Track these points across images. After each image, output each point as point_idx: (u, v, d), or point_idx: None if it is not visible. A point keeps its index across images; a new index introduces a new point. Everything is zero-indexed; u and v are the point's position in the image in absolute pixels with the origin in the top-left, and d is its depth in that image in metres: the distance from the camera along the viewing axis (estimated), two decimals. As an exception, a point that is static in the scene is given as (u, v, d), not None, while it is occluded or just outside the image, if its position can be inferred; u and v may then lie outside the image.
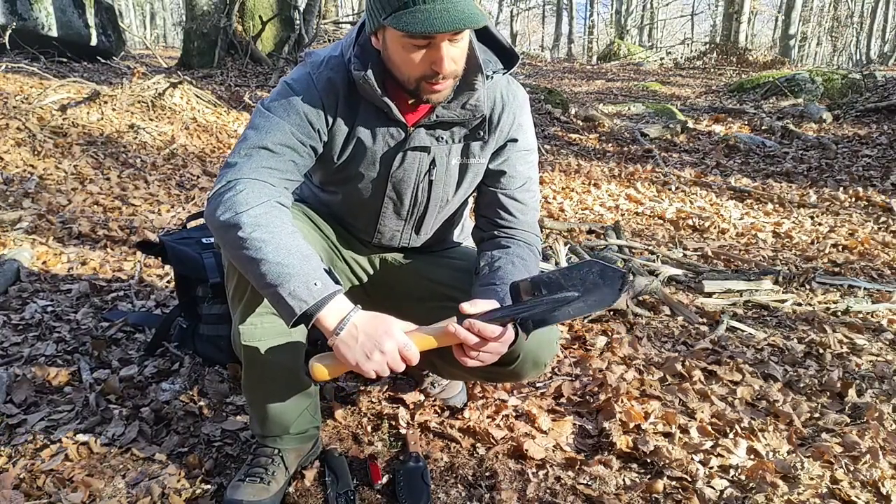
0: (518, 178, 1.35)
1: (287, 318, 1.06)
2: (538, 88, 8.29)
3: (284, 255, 1.06)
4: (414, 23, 1.02)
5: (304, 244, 1.10)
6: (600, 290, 1.08)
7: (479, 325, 1.07)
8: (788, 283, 2.89)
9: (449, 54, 1.10)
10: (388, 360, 1.06)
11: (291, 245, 1.08)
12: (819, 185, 5.04)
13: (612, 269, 1.08)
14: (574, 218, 3.94)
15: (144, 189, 3.73)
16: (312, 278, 1.05)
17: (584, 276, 1.09)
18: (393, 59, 1.14)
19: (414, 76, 1.13)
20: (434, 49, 1.09)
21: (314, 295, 1.04)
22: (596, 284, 1.08)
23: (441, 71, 1.10)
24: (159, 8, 33.34)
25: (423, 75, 1.12)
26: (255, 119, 1.22)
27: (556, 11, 27.45)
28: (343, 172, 1.32)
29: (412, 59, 1.10)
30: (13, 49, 6.45)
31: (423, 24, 1.02)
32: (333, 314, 1.06)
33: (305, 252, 1.08)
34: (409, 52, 1.10)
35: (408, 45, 1.09)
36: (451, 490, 1.43)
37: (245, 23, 7.70)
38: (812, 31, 28.15)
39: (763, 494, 1.43)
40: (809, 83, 8.60)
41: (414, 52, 1.10)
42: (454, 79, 1.17)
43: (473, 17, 1.04)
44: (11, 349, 1.93)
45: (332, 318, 1.06)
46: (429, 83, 1.13)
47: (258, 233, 1.07)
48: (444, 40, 1.08)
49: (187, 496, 1.37)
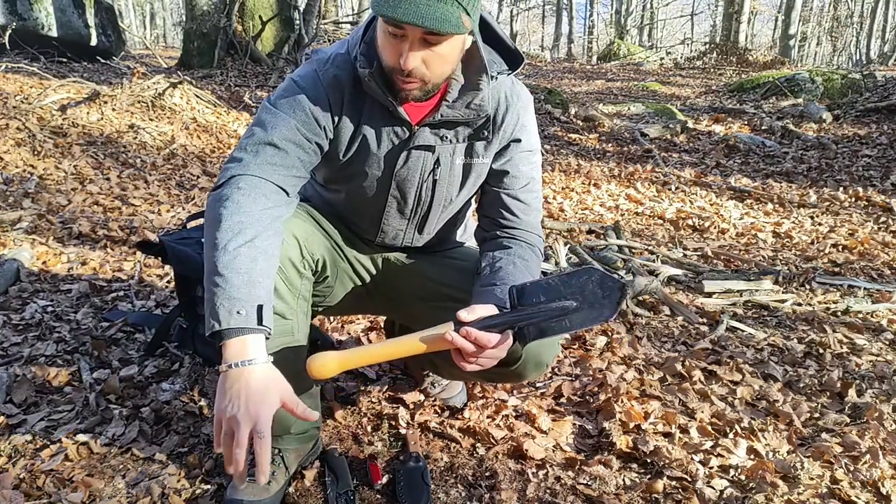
0: (521, 179, 1.35)
1: (205, 327, 1.07)
2: (538, 88, 8.29)
3: (233, 271, 1.06)
4: (386, 6, 1.03)
5: (263, 268, 1.09)
6: (599, 302, 1.07)
7: (476, 334, 1.06)
8: (788, 283, 2.89)
9: (417, 53, 1.09)
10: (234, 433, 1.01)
11: (247, 266, 1.07)
12: (819, 185, 5.04)
13: (611, 279, 1.07)
14: (574, 218, 3.94)
15: (144, 189, 3.73)
16: (241, 305, 1.04)
17: (583, 283, 1.08)
18: (378, 47, 1.16)
19: (388, 65, 1.14)
20: (405, 41, 1.09)
21: (229, 322, 1.04)
22: (595, 295, 1.07)
23: (404, 67, 1.10)
24: (159, 8, 33.35)
25: (393, 66, 1.13)
26: (260, 115, 1.22)
27: (556, 11, 27.46)
28: (347, 170, 1.32)
29: (388, 48, 1.12)
30: (13, 49, 6.45)
31: (388, 8, 1.02)
32: (235, 350, 1.05)
33: (257, 278, 1.08)
34: (386, 39, 1.11)
35: (386, 33, 1.11)
36: (451, 490, 1.43)
37: (245, 23, 7.70)
38: (812, 31, 28.16)
39: (763, 494, 1.43)
40: (809, 83, 8.61)
41: (390, 41, 1.11)
42: (424, 83, 1.15)
43: (442, 21, 1.02)
44: (11, 349, 1.93)
45: (231, 352, 1.05)
46: (397, 77, 1.14)
47: (229, 241, 1.08)
48: (415, 36, 1.07)
49: (187, 496, 1.37)
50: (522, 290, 1.10)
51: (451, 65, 1.17)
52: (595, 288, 1.08)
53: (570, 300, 1.08)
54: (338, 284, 1.45)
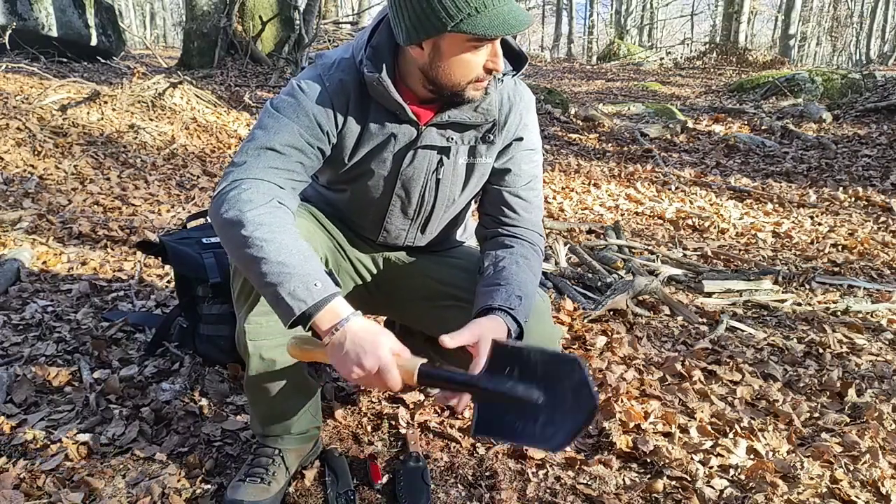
0: (523, 177, 1.36)
1: (285, 318, 1.05)
2: (538, 88, 8.29)
3: (286, 254, 1.05)
4: (491, 26, 1.06)
5: (305, 245, 1.09)
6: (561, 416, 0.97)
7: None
8: (788, 283, 2.89)
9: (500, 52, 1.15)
10: (368, 377, 1.04)
11: (293, 245, 1.07)
12: (819, 184, 5.04)
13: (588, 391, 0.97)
14: (574, 218, 3.94)
15: (144, 189, 3.73)
16: (313, 279, 1.05)
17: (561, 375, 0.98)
18: (450, 66, 1.15)
19: (468, 79, 1.16)
20: (491, 49, 1.13)
21: (314, 296, 1.04)
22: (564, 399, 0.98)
23: (498, 68, 1.15)
24: (159, 8, 33.35)
25: (477, 77, 1.16)
26: (263, 119, 1.22)
27: (556, 11, 27.45)
28: (354, 171, 1.32)
29: (473, 62, 1.14)
30: (13, 49, 6.45)
31: (499, 28, 1.06)
32: (330, 316, 1.05)
33: (306, 253, 1.08)
34: (471, 55, 1.13)
35: (471, 49, 1.12)
36: (451, 490, 1.43)
37: (245, 23, 7.70)
38: (812, 31, 28.16)
39: (763, 494, 1.43)
40: (809, 83, 8.61)
41: (476, 54, 1.13)
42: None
43: (529, 16, 1.10)
44: (11, 349, 1.93)
45: (327, 320, 1.05)
46: (478, 82, 1.18)
47: (260, 231, 1.07)
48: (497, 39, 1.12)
49: (187, 496, 1.37)
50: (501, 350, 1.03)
51: None
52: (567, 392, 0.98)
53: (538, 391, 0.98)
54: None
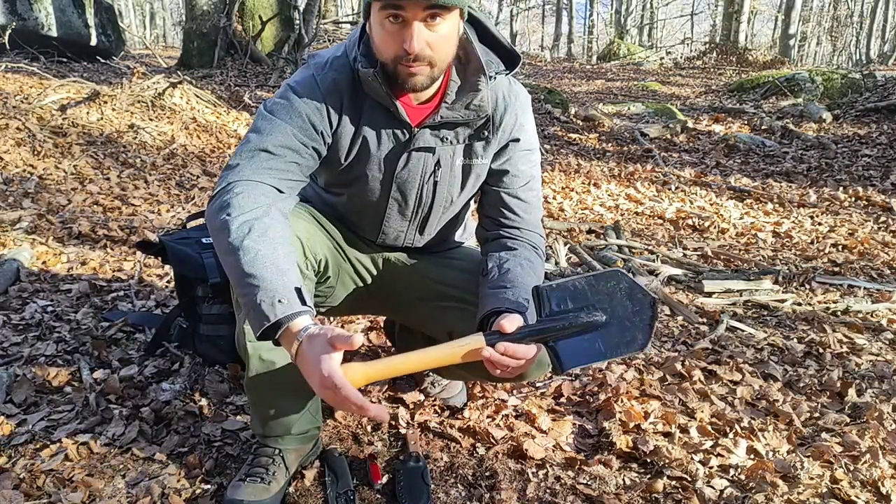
0: (521, 177, 1.36)
1: (253, 331, 1.06)
2: (538, 88, 8.29)
3: (259, 266, 1.05)
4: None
5: (283, 257, 1.09)
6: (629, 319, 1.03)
7: (513, 349, 1.05)
8: (788, 283, 2.89)
9: (421, 35, 1.09)
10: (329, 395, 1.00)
11: (269, 257, 1.07)
12: (819, 184, 5.04)
13: (641, 291, 1.03)
14: (574, 218, 3.94)
15: (144, 189, 3.73)
16: (280, 295, 1.04)
17: (611, 290, 1.04)
18: (375, 42, 1.16)
19: (390, 56, 1.14)
20: (406, 27, 1.09)
21: (276, 313, 1.03)
22: (624, 308, 1.04)
23: (409, 49, 1.10)
24: (159, 8, 33.33)
25: (396, 56, 1.13)
26: (257, 121, 1.22)
27: (556, 11, 27.43)
28: (349, 173, 1.32)
29: (388, 37, 1.12)
30: (13, 49, 6.44)
31: None
32: (290, 335, 1.04)
33: (282, 265, 1.07)
34: (384, 29, 1.11)
35: (384, 22, 1.10)
36: (451, 490, 1.43)
37: (245, 23, 7.70)
38: (812, 30, 28.15)
39: (763, 494, 1.43)
40: (809, 83, 8.60)
41: (389, 28, 1.11)
42: (431, 66, 1.15)
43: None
44: (11, 349, 1.93)
45: (287, 338, 1.05)
46: (403, 65, 1.13)
47: (240, 240, 1.07)
48: (416, 17, 1.08)
49: (187, 496, 1.37)
50: (549, 294, 1.07)
51: (453, 47, 1.17)
52: (624, 299, 1.04)
53: (598, 310, 1.04)
54: (339, 285, 1.45)
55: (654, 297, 1.04)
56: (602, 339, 1.05)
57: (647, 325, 1.04)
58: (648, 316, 1.04)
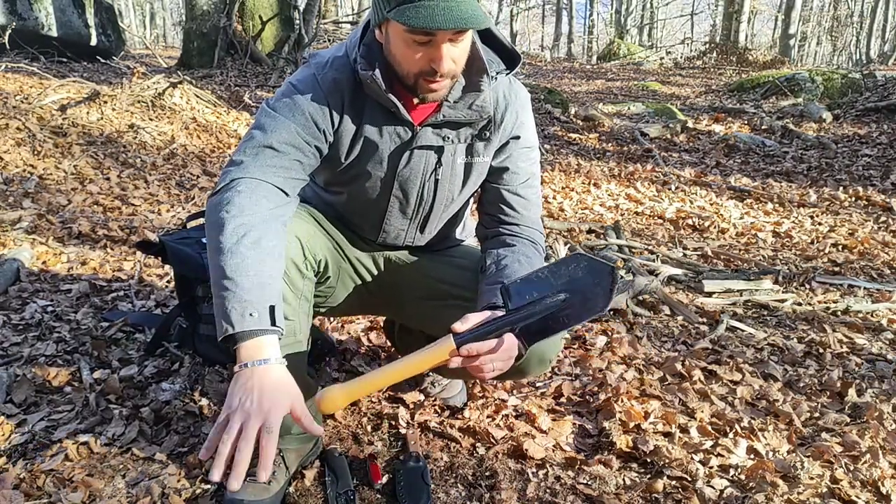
0: (521, 175, 1.36)
1: (218, 333, 1.06)
2: (538, 88, 8.29)
3: (241, 273, 1.06)
4: (417, 18, 1.03)
5: (269, 269, 1.09)
6: (591, 290, 1.08)
7: (475, 347, 1.07)
8: (788, 283, 2.89)
9: (449, 54, 1.10)
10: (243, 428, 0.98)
11: (254, 266, 1.07)
12: (819, 184, 5.04)
13: (599, 263, 1.07)
14: (574, 218, 3.94)
15: (144, 189, 3.73)
16: (253, 307, 1.04)
17: (572, 272, 1.08)
18: (393, 53, 1.15)
19: (413, 72, 1.14)
20: (434, 47, 1.09)
21: (242, 325, 1.03)
22: (585, 283, 1.08)
23: (440, 70, 1.11)
24: (159, 8, 33.33)
25: (421, 72, 1.13)
26: (260, 119, 1.22)
27: (556, 11, 27.44)
28: (350, 172, 1.32)
29: (412, 54, 1.11)
30: (13, 49, 6.44)
31: (425, 20, 1.02)
32: (249, 352, 1.04)
33: (265, 278, 1.07)
34: (409, 47, 1.11)
35: (409, 41, 1.10)
36: (451, 490, 1.43)
37: (245, 23, 7.70)
38: (812, 30, 28.16)
39: (763, 494, 1.43)
40: (809, 83, 8.60)
41: (414, 47, 1.10)
42: (452, 78, 1.17)
43: (475, 18, 1.05)
44: (11, 349, 1.93)
45: (245, 353, 1.04)
46: (426, 80, 1.14)
47: (235, 245, 1.08)
48: (445, 39, 1.08)
49: (187, 496, 1.37)
50: (514, 288, 1.11)
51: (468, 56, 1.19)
52: (585, 276, 1.08)
53: (562, 292, 1.08)
54: (339, 285, 1.45)
55: (612, 265, 1.08)
56: (566, 314, 1.09)
57: (607, 290, 1.08)
58: (608, 282, 1.08)
